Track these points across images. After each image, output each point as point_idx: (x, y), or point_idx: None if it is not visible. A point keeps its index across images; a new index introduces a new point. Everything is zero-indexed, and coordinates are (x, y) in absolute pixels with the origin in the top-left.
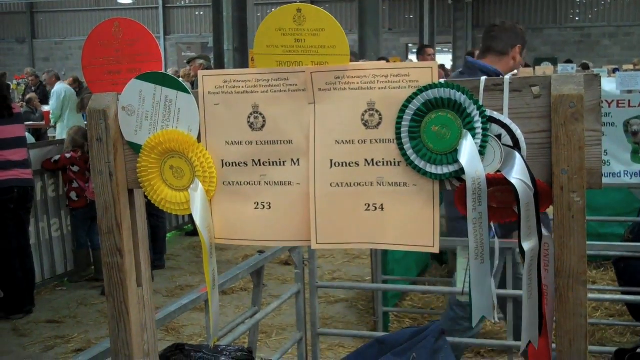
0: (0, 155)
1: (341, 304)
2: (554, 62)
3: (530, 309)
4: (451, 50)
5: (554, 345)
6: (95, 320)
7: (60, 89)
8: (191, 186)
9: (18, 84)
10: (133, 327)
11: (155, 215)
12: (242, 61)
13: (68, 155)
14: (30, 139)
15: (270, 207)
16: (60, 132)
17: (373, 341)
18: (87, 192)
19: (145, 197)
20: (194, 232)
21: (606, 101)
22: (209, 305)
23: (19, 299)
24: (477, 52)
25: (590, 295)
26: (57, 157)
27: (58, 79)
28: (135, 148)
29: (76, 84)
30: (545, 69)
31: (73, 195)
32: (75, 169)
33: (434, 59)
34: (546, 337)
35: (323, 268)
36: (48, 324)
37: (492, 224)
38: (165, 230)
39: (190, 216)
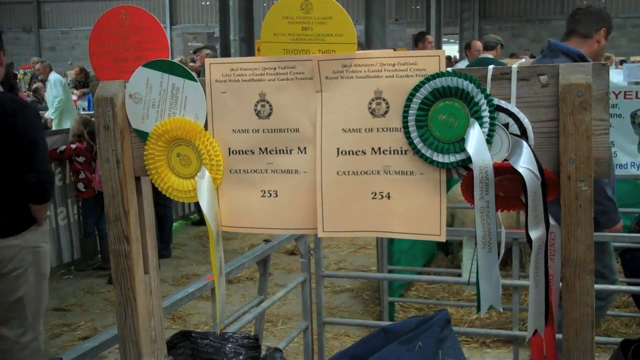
0: None
1: (347, 293)
2: None
3: (537, 298)
4: (457, 41)
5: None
6: (101, 308)
7: (56, 78)
8: (198, 174)
9: (25, 74)
10: (140, 314)
11: (161, 204)
12: (249, 51)
13: (73, 146)
14: None
15: (276, 195)
16: (58, 124)
17: (378, 330)
18: (93, 182)
19: (152, 185)
20: (200, 222)
21: (613, 92)
22: (215, 293)
23: None
24: (476, 43)
25: (595, 286)
26: (62, 148)
27: (51, 69)
28: (142, 136)
29: (82, 74)
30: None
31: (81, 186)
32: (81, 159)
33: (433, 47)
34: (552, 327)
35: (329, 258)
36: (55, 312)
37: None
38: (172, 220)
39: (197, 205)
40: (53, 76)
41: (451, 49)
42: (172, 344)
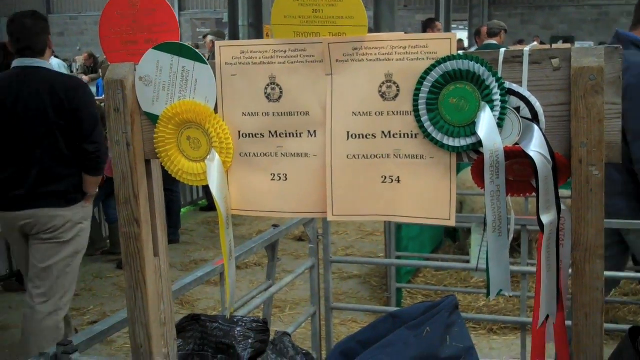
0: None
1: (354, 280)
2: (571, 41)
3: (549, 283)
4: (467, 28)
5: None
6: (110, 293)
7: (58, 63)
8: (208, 157)
9: None
10: (150, 297)
11: (169, 189)
12: (257, 37)
13: None
14: None
15: (286, 179)
16: None
17: (386, 315)
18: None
19: (162, 168)
20: (209, 208)
21: None
22: (225, 276)
23: None
24: (483, 29)
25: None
26: None
27: (53, 53)
28: (153, 119)
29: (91, 60)
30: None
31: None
32: None
33: None
34: (562, 311)
35: (337, 244)
36: None
37: None
38: (180, 205)
39: (205, 191)
40: (54, 61)
41: (460, 36)
42: (182, 327)
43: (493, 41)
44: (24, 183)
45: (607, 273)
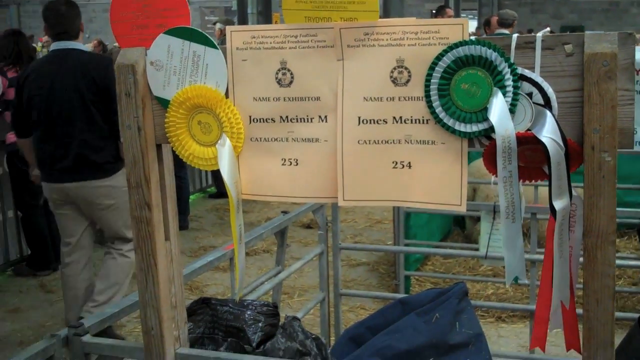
0: None
1: (362, 267)
2: (581, 31)
3: (561, 269)
4: (476, 17)
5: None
6: None
7: None
8: (219, 142)
9: (42, 46)
10: (161, 280)
11: (178, 176)
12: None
13: None
14: None
15: (297, 164)
16: None
17: (396, 302)
18: None
19: (173, 152)
20: (217, 195)
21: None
22: (235, 260)
23: (45, 256)
24: (494, 19)
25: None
26: None
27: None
28: (164, 103)
29: (100, 47)
30: None
31: None
32: None
33: None
34: (572, 298)
35: (345, 232)
36: None
37: None
38: (188, 192)
39: (214, 178)
40: None
41: (470, 25)
42: (192, 310)
43: (505, 31)
44: (67, 156)
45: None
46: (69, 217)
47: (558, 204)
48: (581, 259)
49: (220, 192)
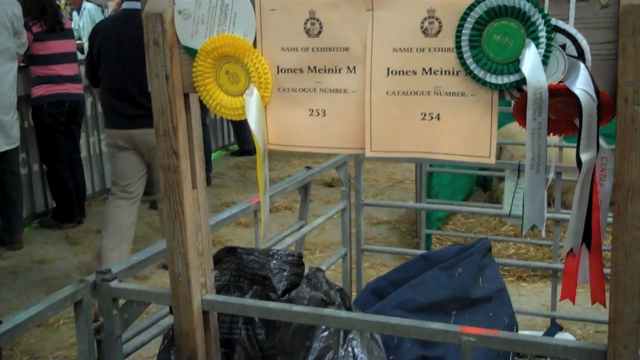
0: (52, 69)
1: (384, 225)
2: None
3: (578, 218)
4: None
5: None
6: (143, 232)
7: (91, 7)
8: (246, 92)
9: (65, 4)
10: (188, 227)
11: None
12: None
13: None
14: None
15: (324, 114)
16: None
17: (418, 257)
18: None
19: (200, 102)
20: (239, 152)
21: None
22: (260, 210)
23: (70, 208)
24: None
25: None
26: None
27: None
28: (191, 52)
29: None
30: None
31: None
32: None
33: None
34: (598, 252)
35: (366, 191)
36: (98, 234)
37: None
38: (210, 149)
39: (236, 135)
40: (89, 5)
41: None
42: (218, 259)
43: None
44: (133, 106)
45: None
46: (128, 162)
47: (584, 156)
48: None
49: (242, 149)
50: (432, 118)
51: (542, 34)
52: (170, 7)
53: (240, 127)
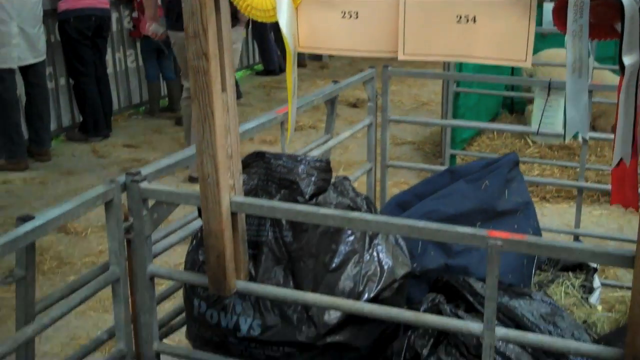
0: None
1: (408, 145)
2: None
3: (625, 126)
4: None
5: None
6: (169, 146)
7: None
8: None
9: None
10: (217, 129)
11: None
12: None
13: None
14: None
15: (357, 17)
16: None
17: (444, 171)
18: (140, 24)
19: (231, 3)
20: (264, 72)
21: None
22: (288, 113)
23: (97, 122)
24: None
25: None
26: None
27: None
28: None
29: None
30: None
31: (131, 24)
32: None
33: None
34: (636, 156)
35: (392, 112)
36: (125, 148)
37: None
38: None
39: (260, 54)
40: None
41: None
42: (246, 163)
43: None
44: None
45: None
46: None
47: (627, 60)
48: None
49: (267, 69)
50: (467, 20)
51: None
52: None
53: (265, 46)
